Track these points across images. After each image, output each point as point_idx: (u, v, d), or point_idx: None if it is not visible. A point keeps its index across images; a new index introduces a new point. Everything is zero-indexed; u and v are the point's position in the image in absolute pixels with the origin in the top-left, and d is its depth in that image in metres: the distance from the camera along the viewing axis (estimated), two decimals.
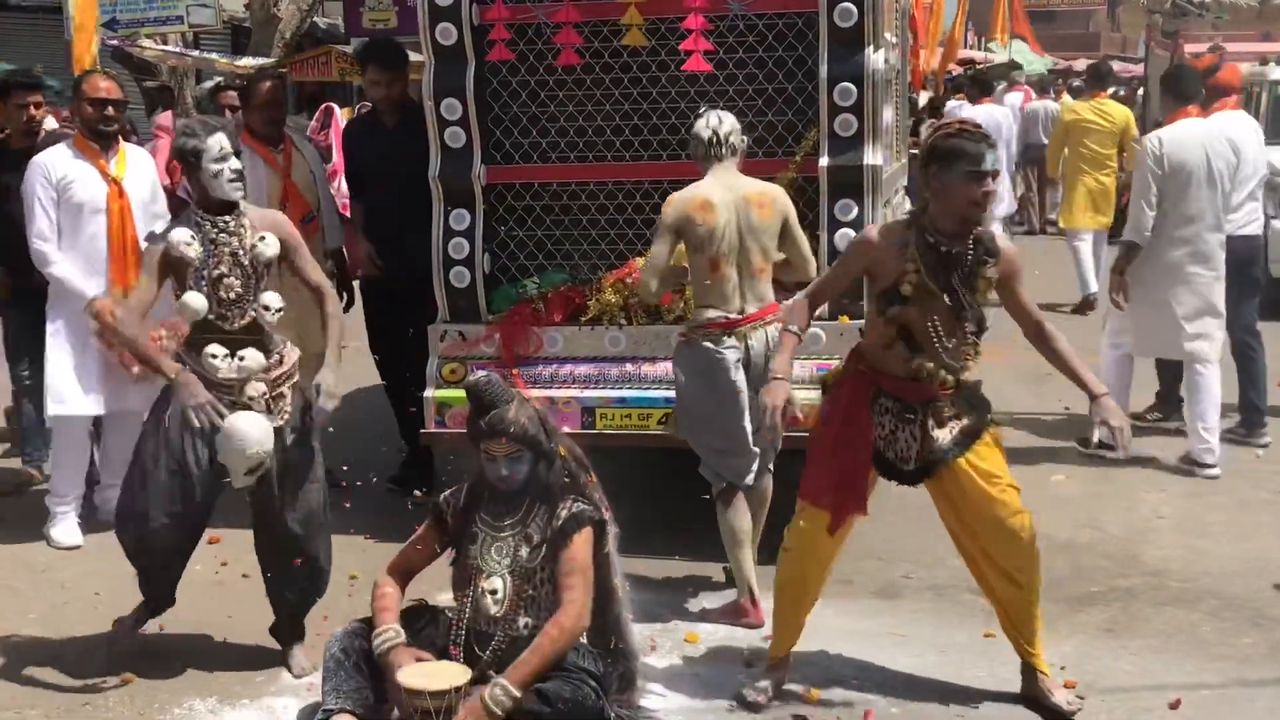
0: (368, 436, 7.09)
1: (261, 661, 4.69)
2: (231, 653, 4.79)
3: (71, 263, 5.82)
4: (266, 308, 4.45)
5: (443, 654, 4.01)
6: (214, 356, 4.39)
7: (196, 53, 15.90)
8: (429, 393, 5.73)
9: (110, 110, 5.94)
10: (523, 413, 3.95)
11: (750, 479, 4.99)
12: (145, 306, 4.49)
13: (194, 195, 4.53)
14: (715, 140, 4.95)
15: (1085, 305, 11.03)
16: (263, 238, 4.44)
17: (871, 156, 5.39)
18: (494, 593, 3.97)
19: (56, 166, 5.83)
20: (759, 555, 4.98)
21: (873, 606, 5.04)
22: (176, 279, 4.44)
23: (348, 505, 6.32)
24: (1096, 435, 4.23)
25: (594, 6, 5.55)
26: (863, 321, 5.39)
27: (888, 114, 5.81)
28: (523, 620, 3.95)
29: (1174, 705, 4.22)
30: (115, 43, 14.63)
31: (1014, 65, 20.99)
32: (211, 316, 4.41)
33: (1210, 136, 6.75)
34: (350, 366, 6.62)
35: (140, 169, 6.08)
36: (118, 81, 6.17)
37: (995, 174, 3.98)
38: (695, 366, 4.94)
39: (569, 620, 3.84)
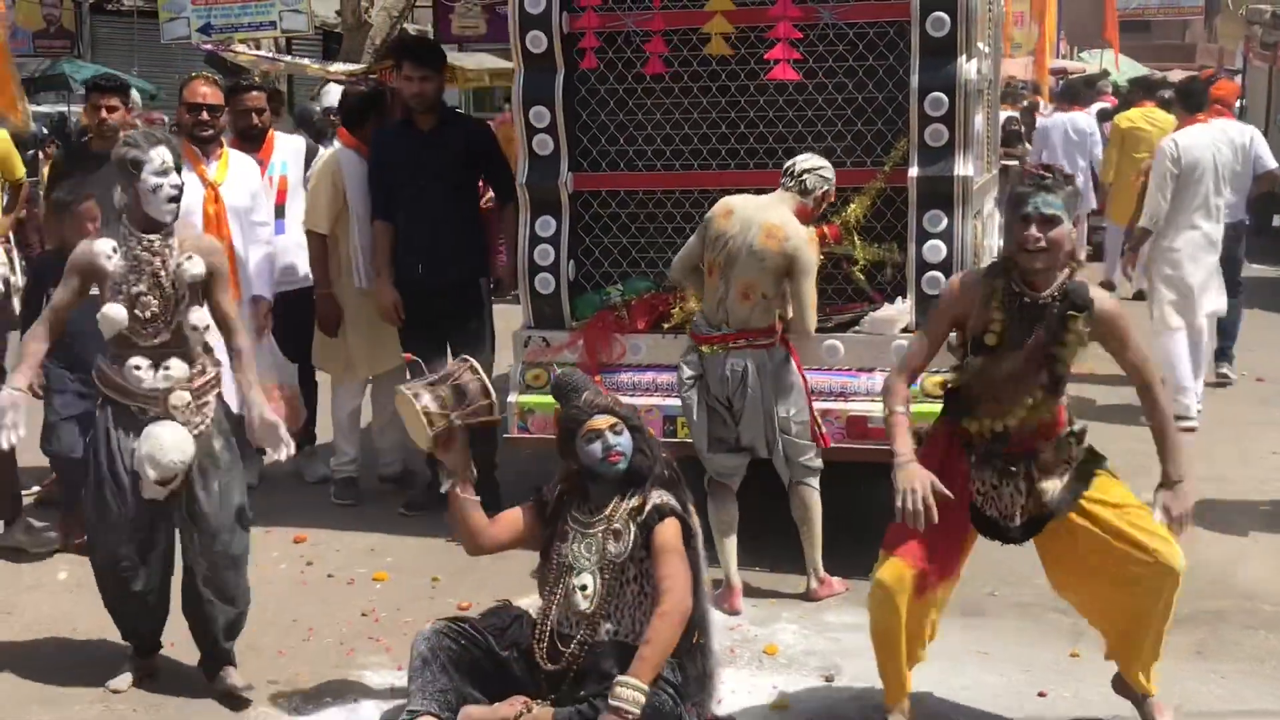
0: None
1: (346, 663, 4.75)
2: (315, 652, 4.84)
3: None
4: (194, 328, 4.37)
5: (526, 654, 4.05)
6: (137, 368, 4.33)
7: (289, 58, 16.15)
8: (512, 398, 5.76)
9: (206, 115, 6.05)
10: (603, 394, 4.14)
11: (733, 481, 5.25)
12: (62, 310, 4.45)
13: (127, 207, 4.35)
14: (789, 171, 5.19)
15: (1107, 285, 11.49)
16: (190, 257, 4.34)
17: (962, 167, 5.35)
18: (584, 588, 4.00)
19: None
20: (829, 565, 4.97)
21: (957, 623, 4.99)
22: (99, 288, 4.37)
23: (403, 510, 6.41)
24: (1156, 515, 3.91)
25: (683, 15, 5.57)
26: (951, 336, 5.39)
27: (979, 124, 5.77)
28: (605, 626, 3.97)
29: None
30: (209, 47, 14.93)
31: (1104, 74, 20.68)
32: (128, 332, 4.33)
33: (1215, 140, 7.91)
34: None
35: (242, 176, 6.16)
36: (220, 87, 6.27)
37: (1047, 219, 3.74)
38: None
39: (671, 605, 3.85)
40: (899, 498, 3.77)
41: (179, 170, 4.35)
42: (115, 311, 4.29)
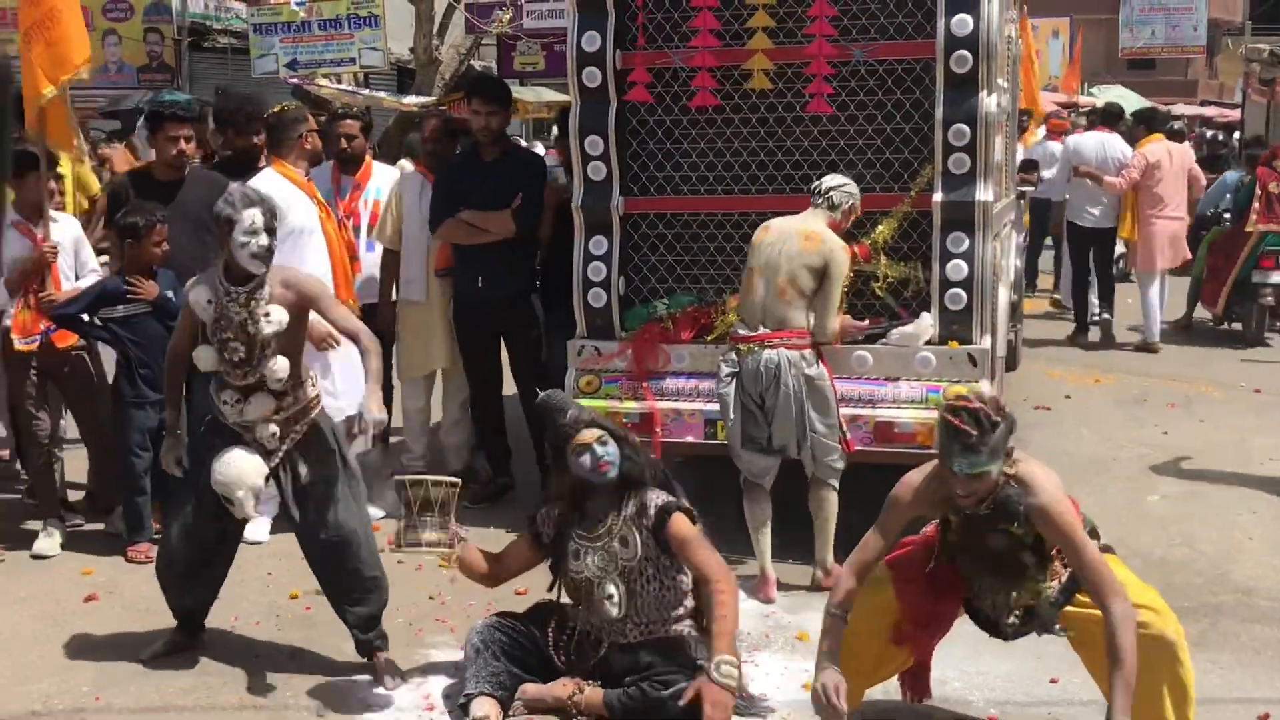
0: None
1: (415, 642, 4.75)
2: (387, 633, 4.84)
3: None
4: (277, 379, 4.33)
5: (548, 663, 4.07)
6: (225, 403, 4.37)
7: (366, 91, 16.24)
8: None
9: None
10: (585, 409, 4.09)
11: (765, 480, 5.20)
12: (179, 355, 4.54)
13: (222, 260, 4.34)
14: (816, 190, 5.23)
15: None
16: (268, 313, 4.27)
17: (983, 193, 5.32)
18: (610, 597, 3.98)
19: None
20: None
21: None
22: (200, 329, 4.40)
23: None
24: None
25: (726, 52, 5.56)
26: (972, 348, 5.36)
27: (998, 152, 5.72)
28: (633, 626, 3.99)
29: (1261, 719, 4.07)
30: (295, 81, 15.06)
31: (1114, 107, 20.53)
32: (221, 370, 4.37)
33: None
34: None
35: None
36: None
37: (974, 478, 3.46)
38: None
39: (725, 582, 3.83)
40: (812, 694, 3.64)
41: (271, 231, 4.26)
42: (206, 353, 4.36)
